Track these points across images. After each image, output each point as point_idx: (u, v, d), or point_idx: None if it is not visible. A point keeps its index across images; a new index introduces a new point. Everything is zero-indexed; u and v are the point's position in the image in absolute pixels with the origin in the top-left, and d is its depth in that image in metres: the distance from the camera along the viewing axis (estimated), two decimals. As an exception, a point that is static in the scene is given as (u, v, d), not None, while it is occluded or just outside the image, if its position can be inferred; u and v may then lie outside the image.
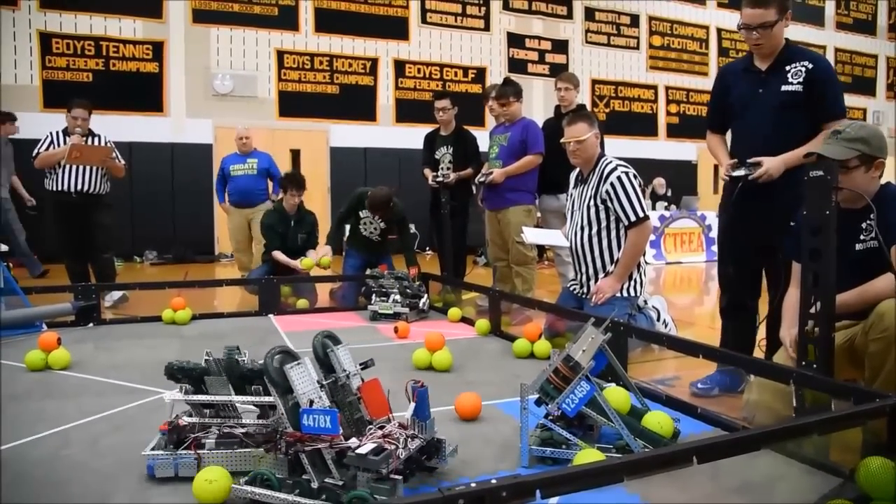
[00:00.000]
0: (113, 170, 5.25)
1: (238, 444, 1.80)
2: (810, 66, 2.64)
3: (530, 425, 1.91)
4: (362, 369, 1.88)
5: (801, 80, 2.64)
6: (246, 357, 1.85)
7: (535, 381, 1.93)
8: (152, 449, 1.83)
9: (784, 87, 2.67)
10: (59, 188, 5.05)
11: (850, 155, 2.11)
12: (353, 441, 1.60)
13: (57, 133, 5.12)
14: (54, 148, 5.03)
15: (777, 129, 2.67)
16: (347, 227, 5.49)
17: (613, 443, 1.90)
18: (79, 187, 5.07)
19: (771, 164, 2.61)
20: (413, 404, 1.74)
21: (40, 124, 8.84)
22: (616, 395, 2.03)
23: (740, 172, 2.67)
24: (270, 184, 6.50)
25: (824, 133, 2.63)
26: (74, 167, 5.03)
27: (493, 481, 1.16)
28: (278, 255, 5.31)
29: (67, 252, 5.21)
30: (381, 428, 1.69)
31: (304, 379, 1.65)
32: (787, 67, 2.68)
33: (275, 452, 1.64)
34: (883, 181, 2.23)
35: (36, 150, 5.03)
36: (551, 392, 1.90)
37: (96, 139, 5.23)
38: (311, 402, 1.61)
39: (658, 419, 1.97)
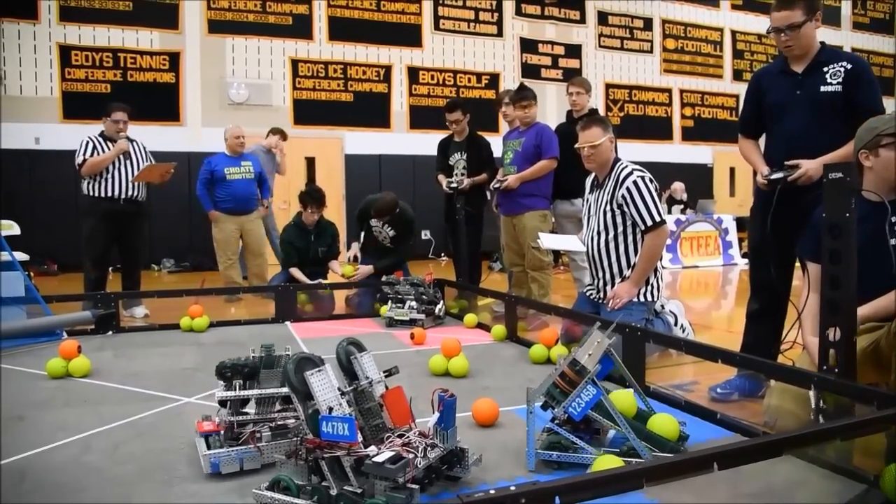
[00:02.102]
0: (162, 183, 5.24)
1: (293, 434, 1.87)
2: (849, 66, 2.59)
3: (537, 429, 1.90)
4: (386, 377, 1.87)
5: (839, 80, 2.58)
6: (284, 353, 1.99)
7: (541, 385, 1.92)
8: (208, 448, 1.88)
9: (823, 88, 2.61)
10: (106, 194, 4.89)
11: None
12: (372, 449, 1.60)
13: (96, 138, 4.99)
14: (98, 154, 4.89)
15: (816, 130, 2.62)
16: (363, 234, 5.52)
17: (619, 446, 1.89)
18: (126, 194, 4.94)
19: (810, 166, 2.55)
20: (437, 413, 1.72)
21: (60, 135, 9.07)
22: (622, 399, 2.02)
23: (778, 175, 2.61)
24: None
25: None
26: (120, 173, 4.91)
27: (512, 488, 1.16)
28: (296, 272, 5.36)
29: (96, 258, 4.97)
30: (401, 436, 1.69)
31: (325, 386, 1.65)
32: (825, 69, 2.63)
33: (295, 458, 1.64)
34: None
35: (81, 158, 4.86)
36: (557, 396, 1.89)
37: (133, 144, 5.11)
38: (331, 409, 1.62)
39: (663, 422, 1.96)
